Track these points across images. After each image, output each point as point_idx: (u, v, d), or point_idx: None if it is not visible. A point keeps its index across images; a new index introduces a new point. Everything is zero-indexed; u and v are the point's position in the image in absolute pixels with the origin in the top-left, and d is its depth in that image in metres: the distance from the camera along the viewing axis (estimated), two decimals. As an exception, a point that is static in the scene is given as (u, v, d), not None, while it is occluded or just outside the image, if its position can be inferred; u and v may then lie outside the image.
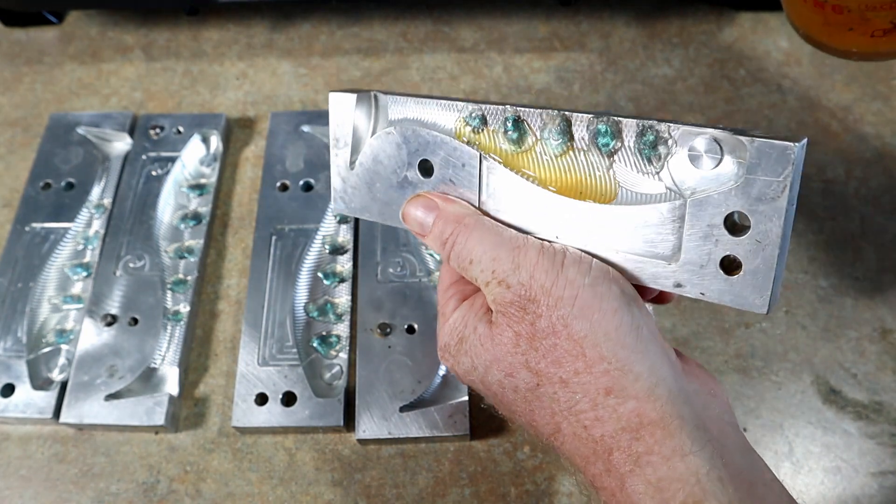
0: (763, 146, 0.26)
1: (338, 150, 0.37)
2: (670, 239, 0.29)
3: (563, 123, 0.31)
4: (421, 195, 0.35)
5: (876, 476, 0.45)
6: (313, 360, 0.49)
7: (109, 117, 0.60)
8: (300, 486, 0.46)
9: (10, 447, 0.48)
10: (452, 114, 0.34)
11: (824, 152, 0.58)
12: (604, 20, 0.67)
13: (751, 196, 0.26)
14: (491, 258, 0.31)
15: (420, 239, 0.35)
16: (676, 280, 0.29)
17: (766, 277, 0.27)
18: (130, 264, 0.53)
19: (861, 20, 0.45)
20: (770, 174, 0.26)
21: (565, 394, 0.29)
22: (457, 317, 0.34)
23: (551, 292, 0.29)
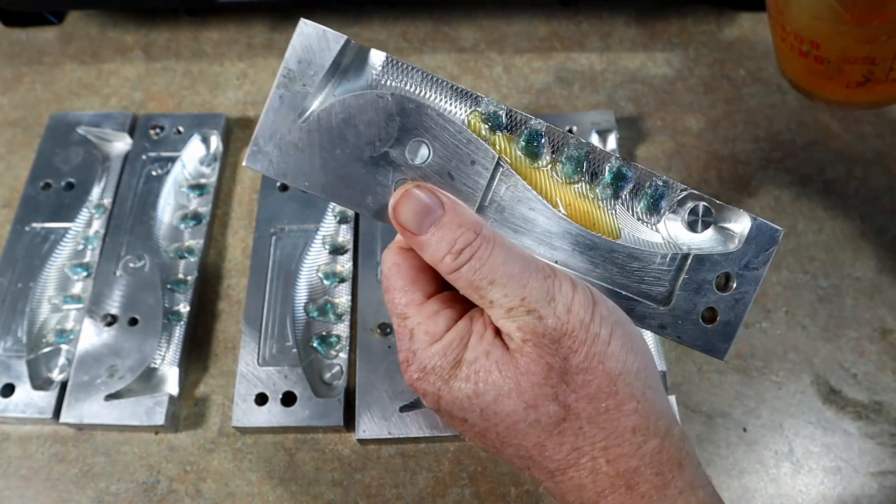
0: (761, 226, 0.31)
1: (287, 91, 0.29)
2: (665, 285, 0.31)
3: (584, 154, 0.31)
4: (422, 186, 0.30)
5: (876, 476, 0.45)
6: (313, 360, 0.49)
7: (109, 117, 0.60)
8: (300, 486, 0.46)
9: (10, 447, 0.48)
10: (467, 104, 0.31)
11: (824, 152, 0.58)
12: (604, 20, 0.67)
13: (741, 262, 0.31)
14: (520, 285, 0.29)
15: (406, 238, 0.30)
16: (661, 322, 0.31)
17: (734, 329, 0.31)
18: (130, 264, 0.53)
19: (838, 71, 0.48)
20: (762, 248, 0.31)
21: (592, 429, 0.29)
22: (452, 338, 0.30)
23: (589, 328, 0.29)
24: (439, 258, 0.29)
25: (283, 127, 0.29)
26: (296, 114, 0.29)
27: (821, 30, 0.47)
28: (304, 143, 0.29)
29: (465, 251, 0.29)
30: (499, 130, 0.31)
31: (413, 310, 0.31)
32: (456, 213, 0.29)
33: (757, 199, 0.56)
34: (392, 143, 0.30)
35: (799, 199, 0.56)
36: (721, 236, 0.32)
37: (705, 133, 0.60)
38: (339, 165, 0.30)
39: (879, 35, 0.44)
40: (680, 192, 0.31)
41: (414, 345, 0.31)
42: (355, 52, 0.30)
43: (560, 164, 0.31)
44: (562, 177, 0.31)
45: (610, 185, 0.31)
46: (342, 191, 0.30)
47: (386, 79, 0.30)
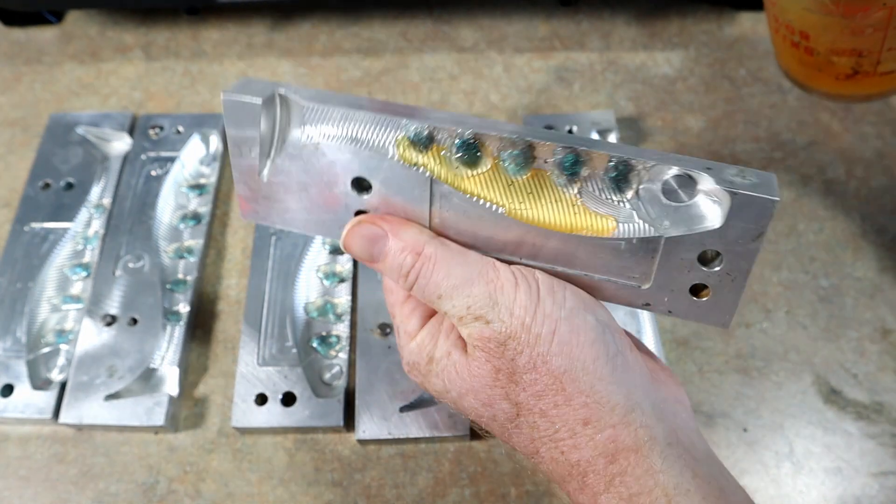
0: (746, 199, 0.26)
1: (241, 158, 0.32)
2: (641, 267, 0.30)
3: (526, 149, 0.29)
4: (364, 221, 0.32)
5: (877, 476, 0.45)
6: (313, 360, 0.49)
7: (109, 117, 0.60)
8: (300, 486, 0.46)
9: (9, 447, 0.48)
10: (392, 131, 0.30)
11: (824, 152, 0.58)
12: (604, 20, 0.67)
13: (727, 238, 0.27)
14: (464, 294, 0.30)
15: (369, 266, 0.32)
16: (645, 300, 0.31)
17: (732, 302, 0.29)
18: (130, 264, 0.53)
19: (827, 63, 0.49)
20: (749, 222, 0.27)
21: (545, 423, 0.30)
22: (424, 336, 0.33)
23: (531, 329, 0.29)
24: (395, 281, 0.32)
25: (255, 185, 0.32)
26: (255, 173, 0.32)
27: (810, 21, 0.47)
28: (273, 194, 0.32)
29: (411, 273, 0.31)
30: (428, 149, 0.30)
31: (397, 309, 0.35)
32: (398, 238, 0.31)
33: (757, 199, 0.56)
34: (341, 184, 0.31)
35: (799, 199, 0.56)
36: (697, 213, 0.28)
37: (705, 133, 0.60)
38: (309, 207, 0.32)
39: (865, 27, 0.44)
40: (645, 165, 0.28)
41: (400, 341, 0.34)
42: (279, 103, 0.31)
43: (501, 164, 0.29)
44: (508, 177, 0.30)
45: (563, 171, 0.29)
46: (320, 227, 0.33)
47: (316, 122, 0.31)
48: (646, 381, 0.31)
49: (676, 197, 0.28)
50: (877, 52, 0.46)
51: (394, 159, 0.30)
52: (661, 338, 0.49)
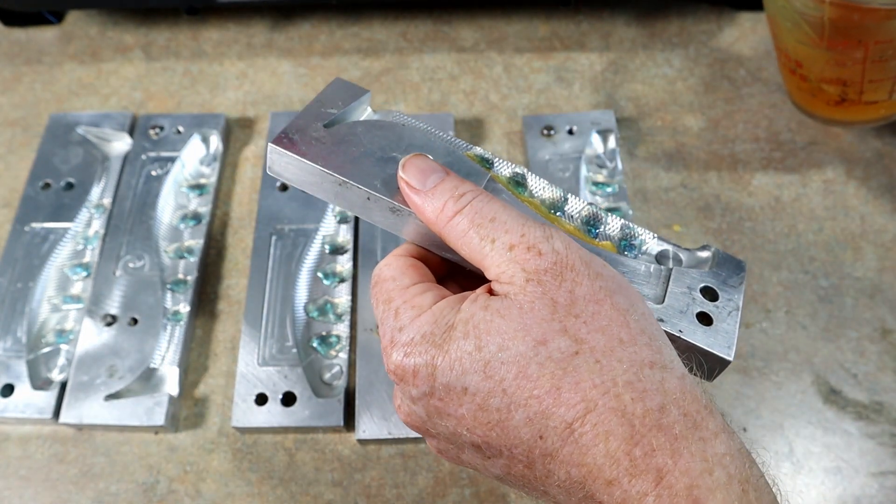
0: (725, 256, 0.35)
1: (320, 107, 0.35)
2: (655, 288, 0.33)
3: (559, 198, 0.34)
4: (424, 155, 0.32)
5: (876, 476, 0.45)
6: (313, 360, 0.49)
7: (109, 117, 0.60)
8: (300, 486, 0.46)
9: (9, 447, 0.48)
10: (456, 147, 0.34)
11: (824, 152, 0.58)
12: (604, 20, 0.67)
13: (720, 279, 0.34)
14: (520, 223, 0.29)
15: (410, 197, 0.31)
16: (659, 316, 0.32)
17: (731, 336, 0.33)
18: (130, 264, 0.53)
19: (819, 90, 0.54)
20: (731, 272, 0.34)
21: (610, 362, 0.26)
22: (442, 307, 0.29)
23: (591, 265, 0.28)
24: (440, 206, 0.30)
25: (311, 127, 0.34)
26: (321, 123, 0.34)
27: (802, 51, 0.52)
28: (324, 140, 0.33)
29: (467, 195, 0.30)
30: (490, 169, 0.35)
31: (398, 293, 0.31)
32: (456, 177, 0.31)
33: (757, 199, 0.56)
34: (398, 151, 0.33)
35: (799, 199, 0.56)
36: (694, 260, 0.35)
37: (705, 133, 0.60)
38: (352, 156, 0.33)
39: (847, 60, 0.49)
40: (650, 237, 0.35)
41: (399, 322, 0.30)
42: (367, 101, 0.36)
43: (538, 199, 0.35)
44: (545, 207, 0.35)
45: (585, 224, 0.35)
46: (353, 171, 0.32)
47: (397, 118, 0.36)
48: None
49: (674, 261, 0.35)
50: (859, 83, 0.51)
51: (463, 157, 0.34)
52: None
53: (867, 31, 0.47)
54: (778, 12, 0.52)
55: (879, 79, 0.51)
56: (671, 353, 0.28)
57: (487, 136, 0.61)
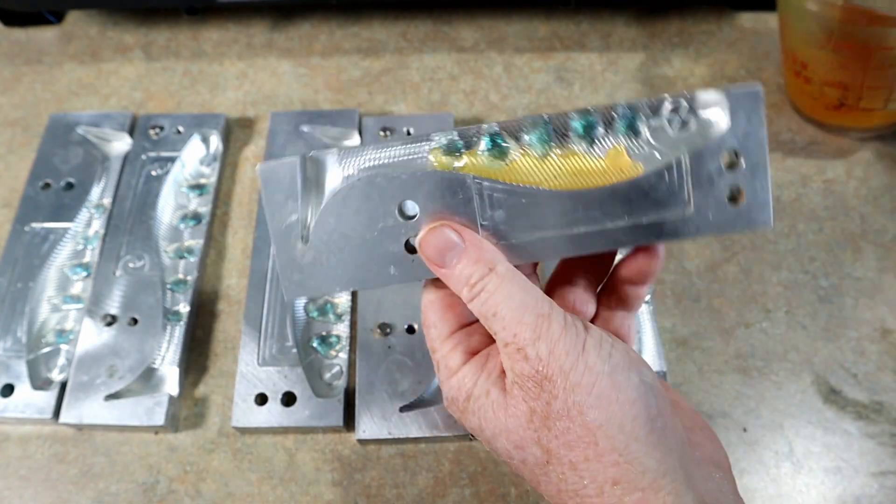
0: (738, 94, 0.31)
1: (282, 226, 0.32)
2: (678, 193, 0.32)
3: (543, 126, 0.32)
4: (445, 225, 0.32)
5: (876, 476, 0.45)
6: (313, 360, 0.49)
7: (109, 117, 0.60)
8: (300, 486, 0.46)
9: (9, 447, 0.48)
10: (421, 148, 0.32)
11: (825, 152, 0.58)
12: (604, 20, 0.67)
13: (738, 135, 0.31)
14: (515, 320, 0.30)
15: (433, 269, 0.32)
16: (696, 225, 0.32)
17: (765, 194, 0.31)
18: (130, 264, 0.53)
19: (820, 93, 0.55)
20: (750, 112, 0.31)
21: (573, 476, 0.29)
22: (466, 372, 0.33)
23: (569, 376, 0.29)
24: (459, 289, 0.32)
25: (296, 254, 0.33)
26: (298, 239, 0.32)
27: (808, 52, 0.53)
28: (318, 258, 0.33)
29: (478, 284, 0.31)
30: (461, 153, 0.32)
31: (439, 343, 0.34)
32: (475, 250, 0.31)
33: (757, 199, 0.56)
34: (383, 217, 0.32)
35: (799, 199, 0.56)
36: (705, 124, 0.32)
37: (705, 133, 0.60)
38: (354, 259, 0.33)
39: (850, 63, 0.50)
40: (647, 106, 0.32)
41: (440, 376, 0.34)
42: (313, 163, 0.32)
43: (527, 147, 0.32)
44: (537, 156, 0.32)
45: (582, 137, 0.32)
46: (368, 276, 0.33)
47: (348, 167, 0.33)
48: (682, 444, 0.31)
49: (682, 123, 0.31)
50: (858, 88, 0.52)
51: (433, 169, 0.32)
52: (660, 338, 0.49)
53: (873, 35, 0.49)
54: (791, 12, 0.52)
55: (878, 86, 0.52)
56: (645, 463, 0.29)
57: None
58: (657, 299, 0.52)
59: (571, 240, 0.32)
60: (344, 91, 0.64)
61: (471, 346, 0.34)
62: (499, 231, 0.32)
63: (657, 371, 0.48)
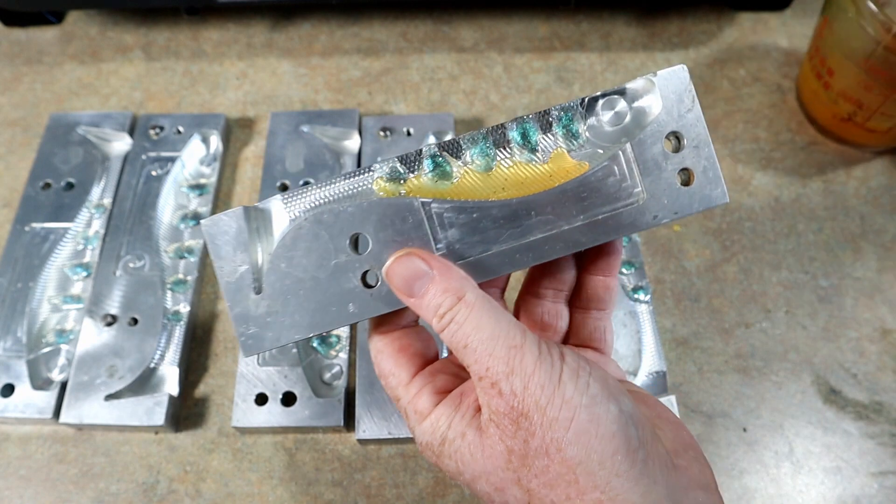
0: (664, 75, 0.32)
1: (233, 280, 0.32)
2: (629, 182, 0.32)
3: (482, 139, 0.32)
4: (413, 253, 0.31)
5: (876, 476, 0.45)
6: (313, 360, 0.49)
7: (109, 117, 0.60)
8: (300, 486, 0.46)
9: (9, 447, 0.48)
10: (365, 180, 0.32)
11: (825, 152, 0.58)
12: (604, 20, 0.67)
13: (674, 116, 0.32)
14: (487, 353, 0.29)
15: (402, 299, 0.31)
16: (653, 213, 0.32)
17: (714, 169, 0.32)
18: (130, 264, 0.53)
19: (834, 102, 0.56)
20: (679, 94, 0.32)
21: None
22: (439, 415, 0.31)
23: (546, 412, 0.28)
24: (429, 319, 0.30)
25: (249, 307, 0.32)
26: (251, 290, 0.32)
27: (839, 61, 0.54)
28: (273, 307, 0.32)
29: (447, 315, 0.30)
30: (405, 178, 0.32)
31: (402, 391, 0.33)
32: (444, 278, 0.30)
33: (757, 199, 0.56)
34: (335, 254, 0.32)
35: (799, 199, 0.56)
36: (639, 112, 0.32)
37: (705, 133, 0.60)
38: (310, 302, 0.32)
39: (876, 85, 0.52)
40: (580, 106, 0.32)
41: (410, 423, 0.32)
42: (258, 212, 0.32)
43: (471, 164, 0.32)
44: (482, 170, 0.32)
45: (522, 145, 0.32)
46: (327, 318, 0.32)
47: (294, 210, 0.32)
48: (667, 471, 0.29)
49: (617, 116, 0.32)
50: (872, 111, 0.54)
51: (379, 201, 0.31)
52: (661, 338, 0.49)
53: None
54: (840, 18, 0.53)
55: (891, 114, 0.54)
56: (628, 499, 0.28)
57: (487, 136, 0.61)
58: (657, 299, 0.52)
59: (530, 248, 0.32)
60: (344, 91, 0.64)
61: (438, 386, 0.32)
62: (455, 251, 0.32)
63: (657, 371, 0.48)
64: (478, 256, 0.32)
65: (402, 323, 0.33)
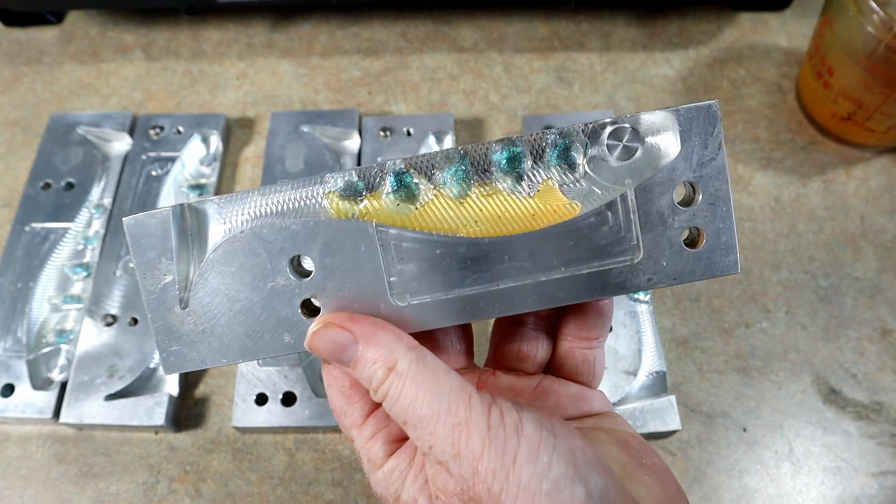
0: (689, 111, 0.26)
1: (156, 289, 0.27)
2: (625, 236, 0.27)
3: (459, 161, 0.27)
4: (331, 323, 0.27)
5: (876, 476, 0.45)
6: (313, 360, 0.49)
7: (109, 117, 0.60)
8: (300, 486, 0.46)
9: (9, 447, 0.48)
10: (316, 192, 0.27)
11: (824, 152, 0.58)
12: (604, 20, 0.67)
13: (692, 163, 0.27)
14: (428, 432, 0.25)
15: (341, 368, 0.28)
16: (647, 276, 0.27)
17: (729, 233, 0.27)
18: (130, 264, 0.53)
19: (833, 101, 0.56)
20: (705, 134, 0.26)
21: None
22: (391, 467, 0.28)
23: (500, 500, 0.24)
24: (366, 383, 0.27)
25: (174, 322, 0.28)
26: (176, 304, 0.28)
27: (840, 60, 0.54)
28: (199, 324, 0.28)
29: (380, 389, 0.26)
30: (362, 196, 0.27)
31: (355, 432, 0.29)
32: (370, 347, 0.26)
33: (757, 199, 0.56)
34: (272, 275, 0.27)
35: (799, 199, 0.56)
36: (651, 151, 0.27)
37: (705, 133, 0.60)
38: (241, 325, 0.28)
39: (876, 86, 0.52)
40: (582, 133, 0.27)
41: (365, 469, 0.29)
42: (189, 213, 0.28)
43: (443, 188, 0.27)
44: (454, 197, 0.27)
45: (507, 172, 0.27)
46: (259, 345, 0.28)
47: (231, 218, 0.28)
48: None
49: (625, 151, 0.27)
50: (872, 110, 0.54)
51: (328, 217, 0.27)
52: (660, 338, 0.49)
53: None
54: (841, 17, 0.53)
55: (890, 114, 0.54)
56: None
57: (487, 136, 0.61)
58: (657, 299, 0.52)
59: (497, 297, 0.27)
60: (344, 91, 0.64)
61: (392, 433, 0.29)
62: (410, 289, 0.28)
63: (657, 371, 0.48)
64: (435, 299, 0.28)
65: None
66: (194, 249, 0.28)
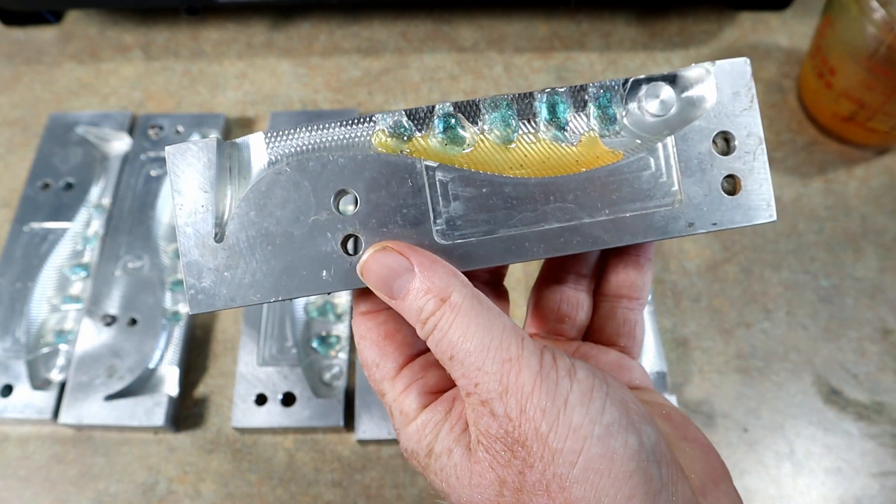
0: (723, 66, 0.28)
1: (190, 221, 0.27)
2: (666, 180, 0.28)
3: (505, 106, 0.28)
4: (390, 247, 0.26)
5: (877, 477, 0.45)
6: (313, 361, 0.49)
7: (108, 117, 0.60)
8: (300, 487, 0.46)
9: (8, 448, 0.48)
10: (364, 131, 0.27)
11: (825, 152, 0.58)
12: (604, 20, 0.67)
13: (727, 114, 0.28)
14: (475, 367, 0.24)
15: (384, 300, 0.27)
16: (688, 220, 0.28)
17: (765, 182, 0.28)
18: (130, 264, 0.53)
19: (835, 101, 0.56)
20: (738, 87, 0.28)
21: None
22: (425, 420, 0.27)
23: (548, 441, 0.23)
24: (413, 323, 0.26)
25: (205, 256, 0.27)
26: (210, 237, 0.27)
27: (842, 60, 0.54)
28: (232, 260, 0.27)
29: (430, 321, 0.25)
30: (410, 135, 0.28)
31: (387, 385, 0.28)
32: (426, 277, 0.26)
33: (757, 199, 0.56)
34: (315, 209, 0.27)
35: (799, 199, 0.56)
36: (688, 104, 0.28)
37: (706, 133, 0.60)
38: (278, 261, 0.27)
39: (878, 85, 0.52)
40: (622, 87, 0.28)
41: (395, 423, 0.28)
42: (234, 148, 0.28)
43: (488, 132, 0.28)
44: (500, 142, 0.28)
45: (550, 121, 0.28)
46: (295, 282, 0.27)
47: (276, 151, 0.28)
48: None
49: (663, 105, 0.28)
50: (874, 110, 0.54)
51: (376, 156, 0.27)
52: (661, 338, 0.49)
53: None
54: (842, 17, 0.53)
55: (893, 113, 0.54)
56: None
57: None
58: (657, 299, 0.52)
59: (542, 238, 0.28)
60: (344, 91, 0.64)
61: (428, 384, 0.28)
62: (456, 227, 0.28)
63: (657, 371, 0.47)
64: (480, 238, 0.28)
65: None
66: (234, 181, 0.27)
